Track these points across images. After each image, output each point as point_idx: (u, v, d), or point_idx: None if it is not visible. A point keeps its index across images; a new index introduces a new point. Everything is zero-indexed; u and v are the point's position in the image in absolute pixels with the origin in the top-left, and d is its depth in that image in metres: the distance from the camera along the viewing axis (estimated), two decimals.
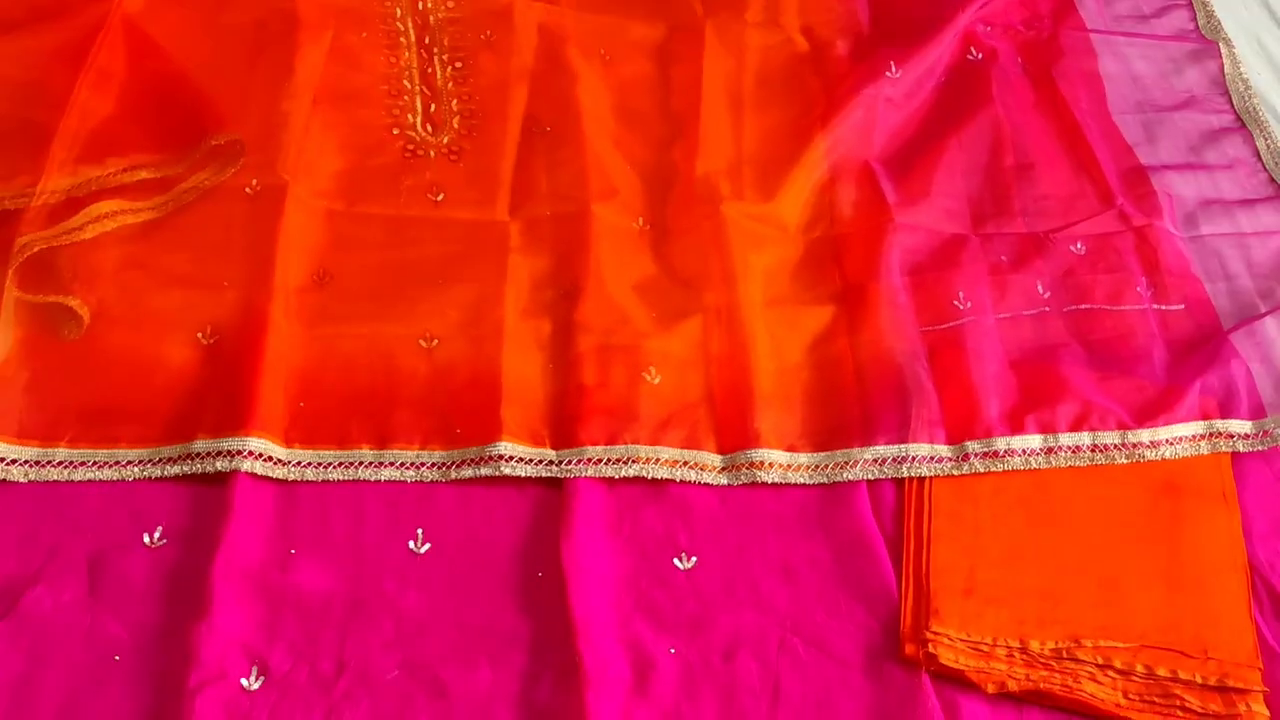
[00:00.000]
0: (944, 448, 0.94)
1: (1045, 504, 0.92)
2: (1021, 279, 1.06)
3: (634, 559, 0.88)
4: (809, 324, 1.02)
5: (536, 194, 1.10)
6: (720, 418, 0.96)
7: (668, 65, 1.23)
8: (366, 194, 1.09)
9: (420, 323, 0.99)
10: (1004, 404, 0.96)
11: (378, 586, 0.86)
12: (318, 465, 0.91)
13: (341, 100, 1.15)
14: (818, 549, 0.90)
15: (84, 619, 0.82)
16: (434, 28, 1.22)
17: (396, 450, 0.92)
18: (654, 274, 1.06)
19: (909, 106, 1.20)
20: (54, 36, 1.08)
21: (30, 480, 0.88)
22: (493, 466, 0.91)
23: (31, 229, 0.96)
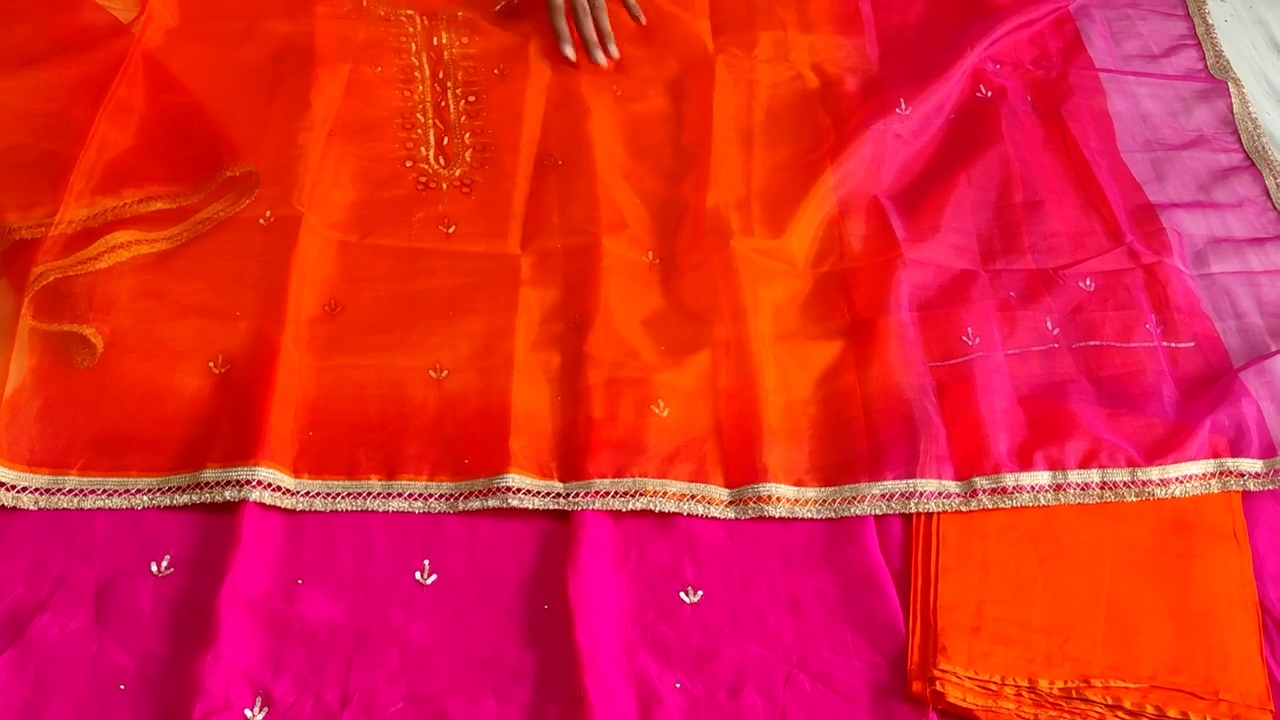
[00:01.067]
0: (952, 484, 0.94)
1: (1054, 541, 0.92)
2: (1031, 315, 1.07)
3: (640, 592, 0.88)
4: (817, 359, 1.03)
5: (548, 227, 1.11)
6: (728, 451, 0.96)
7: (679, 100, 1.24)
8: (379, 225, 1.10)
9: (431, 354, 1.00)
10: (1013, 440, 0.96)
11: (384, 617, 0.86)
12: (326, 495, 0.92)
13: (356, 133, 1.16)
14: (825, 583, 0.89)
15: (90, 648, 0.82)
16: (448, 63, 1.24)
17: (405, 481, 0.93)
18: (663, 307, 1.06)
19: (918, 143, 1.21)
20: (76, 69, 1.10)
21: (40, 508, 0.89)
22: (500, 498, 0.91)
23: (48, 258, 0.97)
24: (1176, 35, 1.38)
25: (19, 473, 0.90)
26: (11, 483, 0.89)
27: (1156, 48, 1.37)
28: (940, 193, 1.16)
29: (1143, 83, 1.31)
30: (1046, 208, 1.15)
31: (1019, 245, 1.12)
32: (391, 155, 1.15)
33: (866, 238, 1.12)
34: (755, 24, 1.32)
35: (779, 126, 1.22)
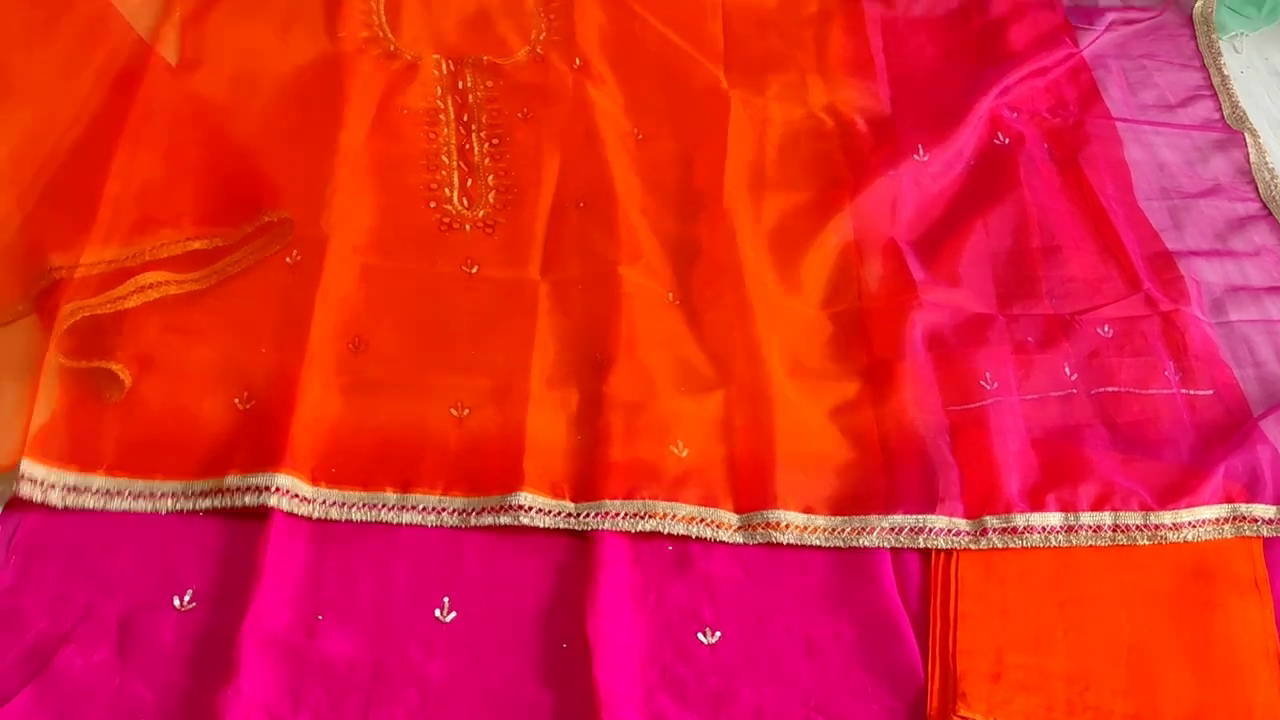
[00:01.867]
0: (962, 521, 0.94)
1: (1074, 587, 0.91)
2: (1048, 360, 1.07)
3: (658, 632, 0.88)
4: (833, 396, 1.03)
5: (567, 260, 1.12)
6: (739, 478, 0.97)
7: (695, 141, 1.26)
8: (402, 265, 1.11)
9: (453, 392, 1.01)
10: (1025, 481, 0.97)
11: (403, 654, 0.86)
12: (342, 505, 0.93)
13: (382, 173, 1.18)
14: (843, 626, 0.89)
15: (113, 680, 0.82)
16: (472, 106, 1.26)
17: (419, 495, 0.94)
18: (681, 347, 1.07)
19: (936, 187, 1.22)
20: (110, 99, 1.11)
21: (66, 506, 0.90)
22: (512, 515, 0.92)
23: (78, 297, 0.99)
24: (1192, 86, 1.39)
25: (48, 468, 0.91)
26: (40, 478, 0.90)
27: (1173, 98, 1.38)
28: (958, 237, 1.16)
29: (1159, 132, 1.32)
30: (1064, 253, 1.16)
31: (1036, 290, 1.13)
32: (416, 195, 1.17)
33: (883, 278, 1.13)
34: (769, 65, 1.34)
35: (793, 167, 1.24)
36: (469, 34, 1.33)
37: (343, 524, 0.93)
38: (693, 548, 0.93)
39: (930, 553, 0.93)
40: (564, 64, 1.30)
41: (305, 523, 0.92)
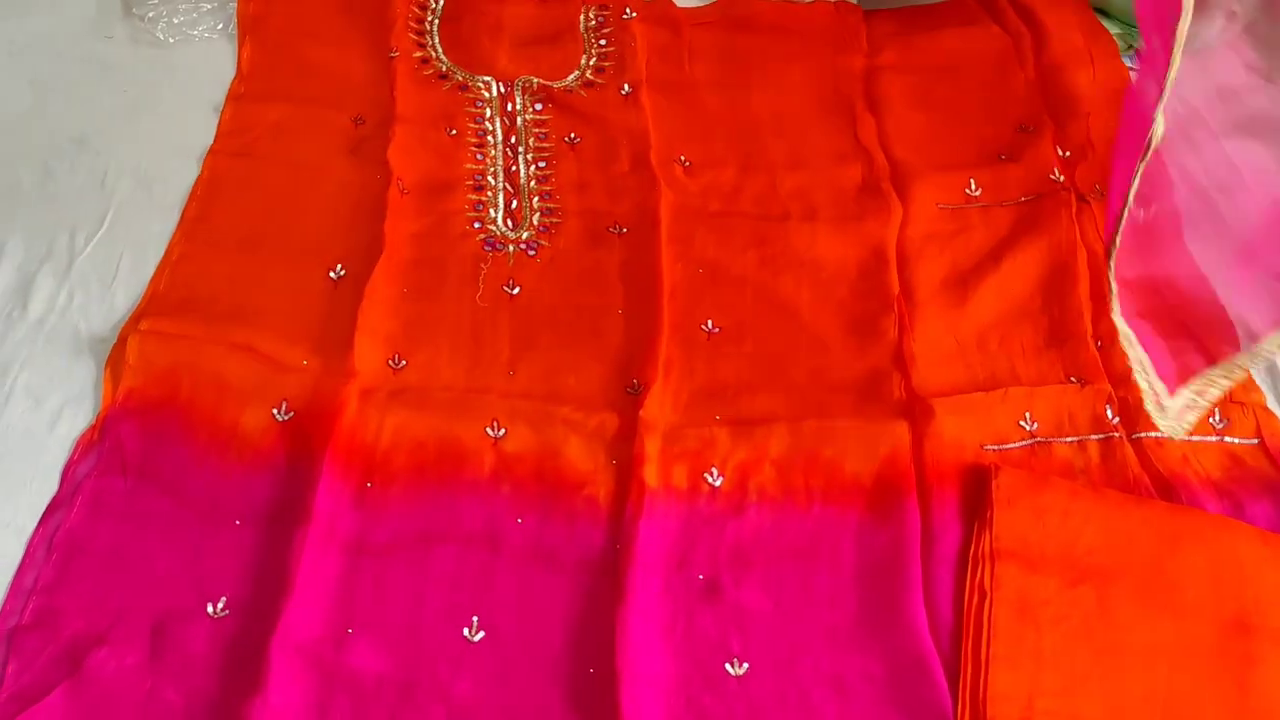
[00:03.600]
0: None
1: (1110, 635, 0.90)
2: (1090, 402, 1.06)
3: (686, 662, 0.88)
4: (877, 437, 1.01)
5: (608, 289, 1.12)
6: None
7: (745, 171, 1.26)
8: (445, 284, 1.12)
9: (489, 413, 1.01)
10: None
11: (431, 672, 0.86)
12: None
13: (428, 193, 1.20)
14: (872, 664, 0.88)
15: (144, 684, 0.83)
16: (520, 129, 1.28)
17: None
18: (721, 377, 1.07)
19: (986, 223, 1.21)
20: None
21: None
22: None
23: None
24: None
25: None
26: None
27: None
28: (1003, 275, 1.15)
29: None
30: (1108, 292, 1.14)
31: (1080, 331, 1.11)
32: (461, 216, 1.18)
33: (924, 315, 1.12)
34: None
35: (844, 200, 1.23)
36: (520, 57, 1.35)
37: (376, 539, 0.93)
38: (723, 578, 0.92)
39: (963, 594, 0.92)
40: (613, 90, 1.31)
41: (339, 535, 0.93)
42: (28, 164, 1.18)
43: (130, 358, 1.02)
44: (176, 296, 1.08)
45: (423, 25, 1.38)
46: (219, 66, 1.30)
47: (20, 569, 0.89)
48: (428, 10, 1.40)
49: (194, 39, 1.33)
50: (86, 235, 1.12)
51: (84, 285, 1.08)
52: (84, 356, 1.03)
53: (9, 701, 0.82)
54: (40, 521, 0.92)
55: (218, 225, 1.14)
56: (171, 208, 1.15)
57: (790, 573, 0.93)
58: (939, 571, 0.94)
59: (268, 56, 1.31)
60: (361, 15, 1.37)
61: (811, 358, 1.07)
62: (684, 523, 0.95)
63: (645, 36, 1.39)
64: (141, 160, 1.20)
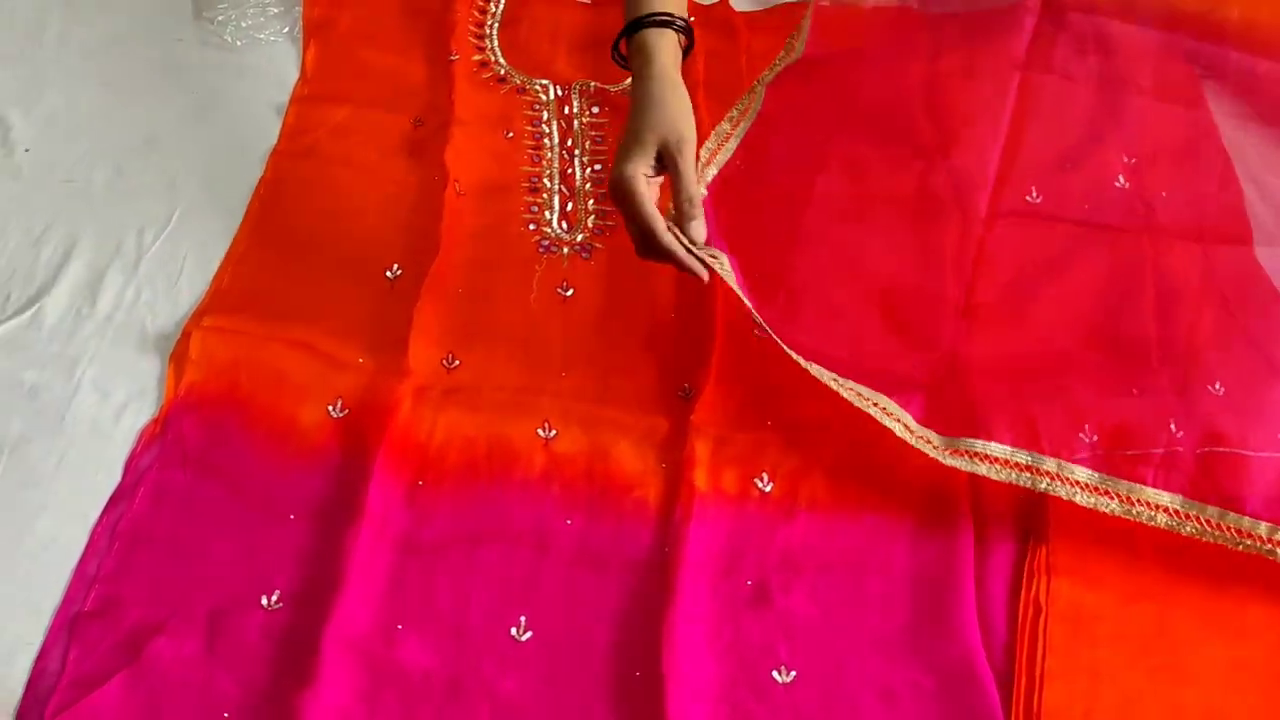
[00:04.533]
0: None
1: (1168, 653, 0.88)
2: (1153, 415, 1.03)
3: (733, 667, 0.87)
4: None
5: (661, 292, 1.12)
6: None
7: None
8: (499, 285, 1.13)
9: (541, 413, 1.02)
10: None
11: (477, 670, 0.87)
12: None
13: (484, 195, 1.21)
14: (921, 676, 0.87)
15: (200, 673, 0.85)
16: (576, 132, 1.28)
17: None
18: (773, 381, 1.06)
19: (1048, 231, 1.19)
20: None
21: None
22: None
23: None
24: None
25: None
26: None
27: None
28: (1065, 284, 1.13)
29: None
30: (1178, 309, 1.11)
31: (1145, 344, 1.09)
32: (516, 218, 1.19)
33: (987, 324, 1.10)
34: None
35: (902, 205, 1.21)
36: (578, 60, 1.36)
37: (426, 536, 0.94)
38: (772, 584, 0.92)
39: (1016, 607, 0.91)
40: None
41: (390, 532, 0.94)
42: (100, 163, 1.21)
43: (193, 353, 1.04)
44: (238, 294, 1.10)
45: (482, 29, 1.39)
46: (284, 69, 1.33)
47: (84, 557, 0.91)
48: (487, 14, 1.41)
49: (260, 42, 1.36)
50: (154, 233, 1.15)
51: (151, 282, 1.11)
52: (149, 351, 1.05)
53: (70, 687, 0.84)
54: (104, 511, 0.94)
55: (279, 225, 1.17)
56: (235, 207, 1.18)
57: (840, 581, 0.92)
58: (992, 584, 0.92)
59: (331, 59, 1.33)
60: (423, 20, 1.39)
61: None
62: (733, 528, 0.95)
63: (701, 41, 1.38)
64: (208, 160, 1.22)
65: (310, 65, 1.33)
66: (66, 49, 1.33)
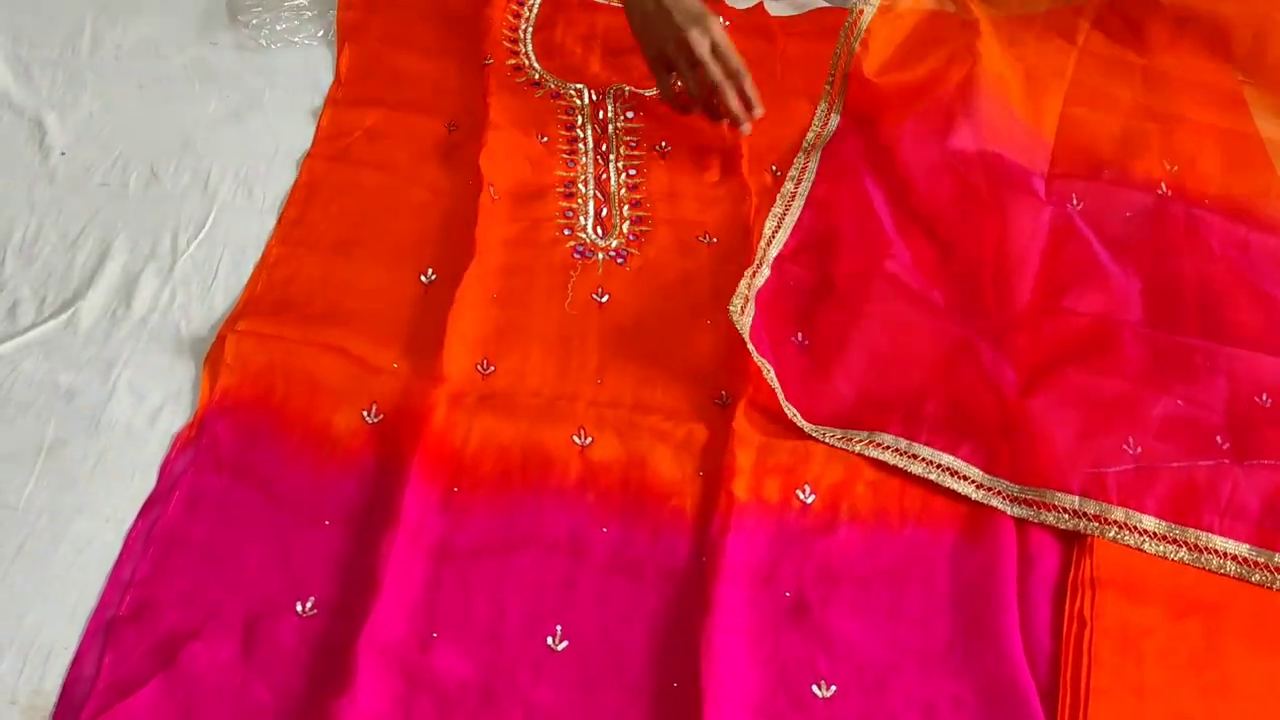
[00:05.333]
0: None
1: (1218, 671, 0.86)
2: (1197, 427, 1.01)
3: (772, 680, 0.86)
4: None
5: (698, 299, 1.12)
6: None
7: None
8: (534, 291, 1.12)
9: (576, 419, 1.01)
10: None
11: (512, 678, 0.86)
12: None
13: (519, 199, 1.20)
14: (964, 690, 0.86)
15: (235, 679, 0.84)
16: (611, 137, 1.28)
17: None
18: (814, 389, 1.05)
19: (1091, 237, 1.17)
20: None
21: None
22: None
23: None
24: None
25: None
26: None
27: None
28: (1109, 291, 1.11)
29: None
30: (1223, 321, 1.09)
31: (1191, 355, 1.07)
32: (551, 223, 1.19)
33: (1029, 335, 1.08)
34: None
35: (934, 204, 1.20)
36: (613, 65, 1.35)
37: (461, 544, 0.94)
38: (811, 597, 0.91)
39: (1061, 622, 0.89)
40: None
41: (425, 539, 0.93)
42: (136, 166, 1.21)
43: (227, 357, 1.03)
44: (272, 298, 1.10)
45: (516, 33, 1.39)
46: (318, 72, 1.33)
47: (119, 561, 0.91)
48: (521, 18, 1.41)
49: (295, 45, 1.36)
50: (189, 236, 1.15)
51: (185, 285, 1.11)
52: (184, 355, 1.05)
53: (105, 691, 0.83)
54: (139, 515, 0.94)
55: (314, 228, 1.16)
56: (270, 210, 1.18)
57: (880, 594, 0.91)
58: (1036, 597, 0.91)
59: (365, 63, 1.33)
60: (457, 24, 1.38)
61: (908, 374, 1.05)
62: (772, 538, 0.94)
63: (738, 45, 1.37)
64: (243, 163, 1.22)
65: (344, 69, 1.33)
66: (102, 53, 1.34)
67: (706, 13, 1.20)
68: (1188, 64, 1.35)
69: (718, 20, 1.22)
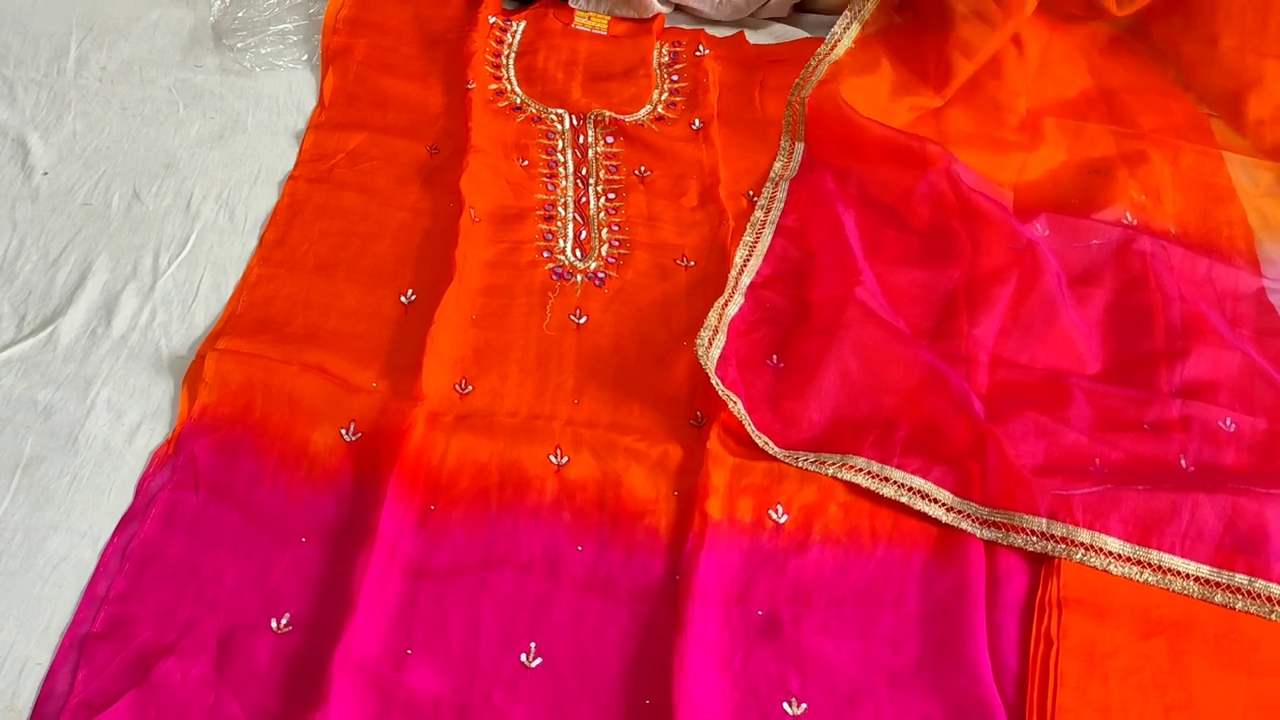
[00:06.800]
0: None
1: (1182, 691, 0.87)
2: (1162, 450, 1.03)
3: (743, 696, 0.87)
4: None
5: (674, 321, 1.13)
6: None
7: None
8: (512, 310, 1.14)
9: (553, 440, 1.02)
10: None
11: (486, 696, 0.86)
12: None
13: (500, 222, 1.22)
14: (933, 709, 0.87)
15: (209, 696, 0.85)
16: (591, 161, 1.29)
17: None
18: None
19: (1057, 264, 1.19)
20: None
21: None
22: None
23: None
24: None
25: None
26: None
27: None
28: (1075, 318, 1.14)
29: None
30: (1188, 348, 1.11)
31: (1155, 379, 1.09)
32: (530, 245, 1.20)
33: (995, 354, 1.10)
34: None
35: (908, 231, 1.22)
36: (593, 91, 1.37)
37: (437, 562, 0.94)
38: (783, 615, 0.92)
39: (1029, 642, 0.90)
40: (683, 125, 1.33)
41: (401, 557, 0.94)
42: (118, 186, 1.22)
43: (207, 375, 1.04)
44: (253, 317, 1.11)
45: (499, 59, 1.41)
46: (302, 96, 1.34)
47: (94, 577, 0.91)
48: (504, 44, 1.43)
49: (279, 69, 1.37)
50: (170, 256, 1.16)
51: (166, 304, 1.12)
52: (163, 373, 1.06)
53: (79, 708, 0.83)
54: (115, 532, 0.94)
55: (295, 249, 1.17)
56: (252, 231, 1.19)
57: (851, 614, 0.92)
58: (1004, 618, 0.92)
59: (349, 87, 1.35)
60: (439, 49, 1.41)
61: (882, 399, 1.06)
62: (745, 557, 0.95)
63: (717, 73, 1.40)
64: (225, 185, 1.23)
65: (328, 92, 1.34)
66: (87, 74, 1.35)
67: None
68: (1151, 94, 1.38)
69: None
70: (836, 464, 1.00)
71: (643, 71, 1.40)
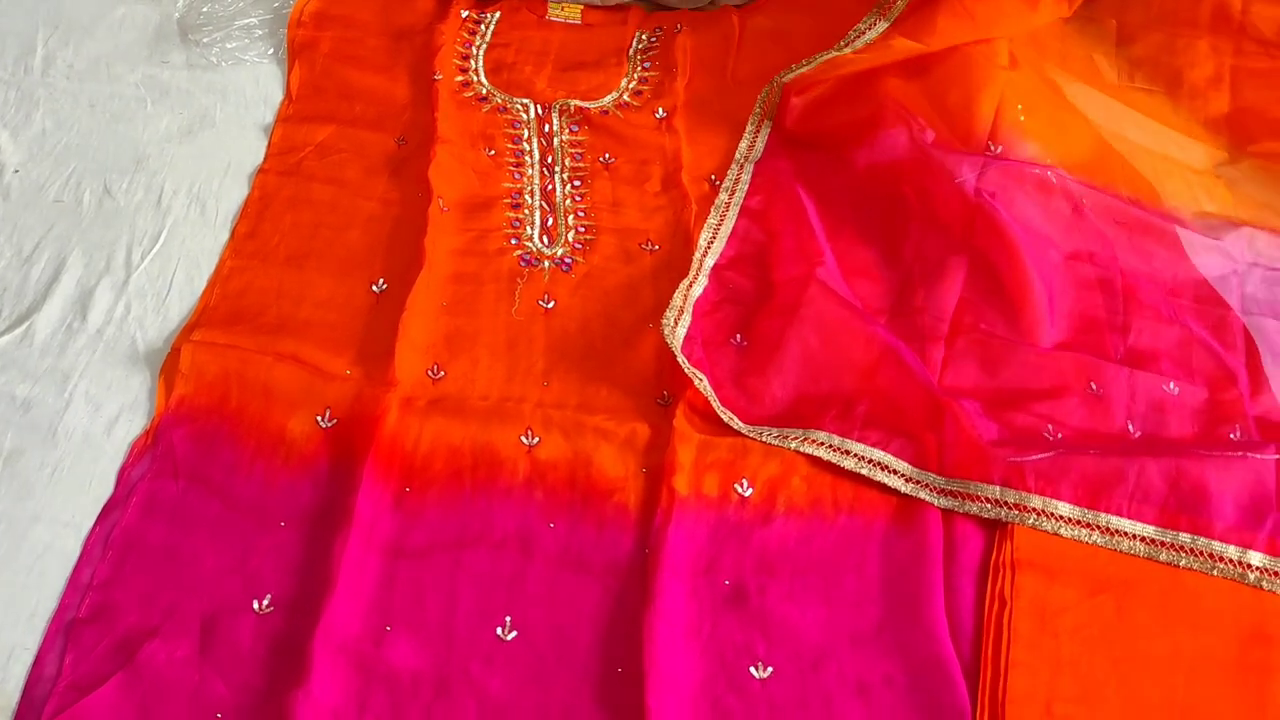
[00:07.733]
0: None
1: (1129, 644, 0.91)
2: (1110, 414, 1.07)
3: (711, 663, 0.90)
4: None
5: (640, 304, 1.16)
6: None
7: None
8: (481, 297, 1.16)
9: (524, 421, 1.05)
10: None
11: (464, 669, 0.90)
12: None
13: (468, 210, 1.24)
14: (893, 669, 0.90)
15: (193, 676, 0.87)
16: (556, 150, 1.32)
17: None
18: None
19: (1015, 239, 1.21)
20: None
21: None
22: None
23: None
24: None
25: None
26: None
27: None
28: (1025, 310, 1.15)
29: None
30: (1138, 325, 1.14)
31: (1104, 348, 1.12)
32: (498, 233, 1.23)
33: (954, 321, 1.13)
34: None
35: (866, 206, 1.25)
36: (560, 80, 1.39)
37: (414, 541, 0.97)
38: (749, 584, 0.95)
39: (984, 602, 0.94)
40: (647, 113, 1.35)
41: (379, 538, 0.96)
42: (89, 182, 1.24)
43: (183, 367, 1.06)
44: (227, 309, 1.13)
45: (469, 49, 1.43)
46: (269, 90, 1.36)
47: (78, 565, 0.94)
48: (476, 35, 1.45)
49: (246, 63, 1.39)
50: (143, 251, 1.18)
51: (140, 298, 1.14)
52: (140, 365, 1.08)
53: (67, 690, 0.86)
54: (97, 521, 0.97)
55: (266, 241, 1.19)
56: (223, 224, 1.21)
57: (815, 580, 0.96)
58: (961, 580, 0.96)
59: (315, 80, 1.37)
60: (406, 41, 1.42)
61: (843, 376, 1.09)
62: (712, 530, 0.98)
63: (691, 50, 1.42)
64: (196, 179, 1.25)
65: (295, 85, 1.36)
66: (54, 71, 1.36)
67: None
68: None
69: None
70: (799, 438, 1.03)
71: (614, 60, 1.42)
